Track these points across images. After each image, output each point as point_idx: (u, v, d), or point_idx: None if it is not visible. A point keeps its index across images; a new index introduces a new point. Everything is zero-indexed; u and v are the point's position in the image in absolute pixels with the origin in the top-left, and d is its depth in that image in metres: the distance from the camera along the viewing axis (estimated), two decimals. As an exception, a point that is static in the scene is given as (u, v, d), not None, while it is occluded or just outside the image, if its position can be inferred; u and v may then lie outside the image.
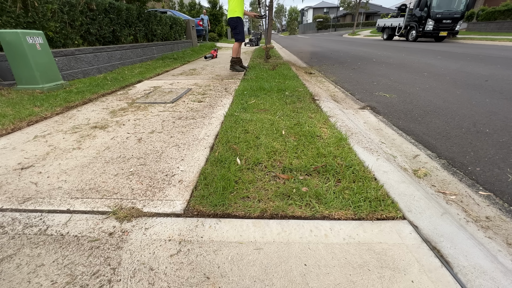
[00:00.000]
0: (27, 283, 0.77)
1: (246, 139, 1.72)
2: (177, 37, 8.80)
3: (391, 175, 1.32)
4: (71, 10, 3.98)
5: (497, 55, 6.76)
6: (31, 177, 1.32)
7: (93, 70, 4.29)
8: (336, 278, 0.78)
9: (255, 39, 13.33)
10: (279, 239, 0.93)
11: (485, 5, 19.53)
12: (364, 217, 1.04)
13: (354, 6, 35.13)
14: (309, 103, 2.57)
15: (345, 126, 2.01)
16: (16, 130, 1.97)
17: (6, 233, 0.96)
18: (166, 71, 4.89)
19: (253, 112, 2.31)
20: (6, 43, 2.79)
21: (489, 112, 2.54)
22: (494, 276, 0.79)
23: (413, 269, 0.81)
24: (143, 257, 0.86)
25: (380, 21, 18.06)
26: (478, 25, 18.06)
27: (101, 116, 2.29)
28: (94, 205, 1.11)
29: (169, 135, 1.85)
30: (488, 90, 3.32)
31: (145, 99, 2.84)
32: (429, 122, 2.37)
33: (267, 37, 5.57)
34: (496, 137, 1.99)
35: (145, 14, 6.27)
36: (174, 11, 12.10)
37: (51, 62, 3.15)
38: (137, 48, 5.74)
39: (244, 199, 1.15)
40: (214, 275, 0.79)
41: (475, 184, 1.45)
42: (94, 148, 1.66)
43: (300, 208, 1.08)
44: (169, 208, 1.09)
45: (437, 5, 12.48)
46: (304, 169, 1.36)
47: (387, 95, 3.35)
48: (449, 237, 0.94)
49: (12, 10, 3.18)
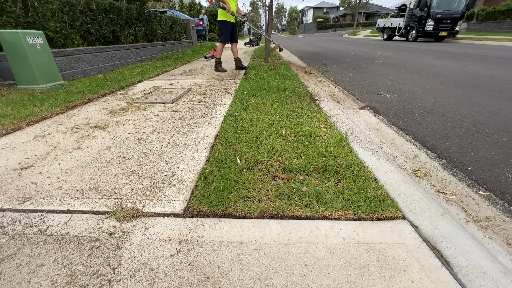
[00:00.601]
0: (27, 283, 0.77)
1: (246, 139, 1.72)
2: (177, 37, 8.80)
3: (391, 175, 1.32)
4: (71, 10, 3.98)
5: (497, 55, 6.76)
6: (31, 177, 1.32)
7: (93, 70, 4.29)
8: (336, 278, 0.78)
9: (255, 39, 13.33)
10: (279, 239, 0.93)
11: (485, 5, 19.53)
12: (364, 217, 1.04)
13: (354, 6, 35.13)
14: (309, 103, 2.57)
15: (345, 126, 2.01)
16: (16, 130, 1.97)
17: (6, 233, 0.96)
18: (166, 71, 4.89)
19: (253, 112, 2.31)
20: (6, 43, 2.79)
21: (489, 112, 2.54)
22: (494, 276, 0.79)
23: (413, 269, 0.81)
24: (143, 257, 0.86)
25: (380, 21, 18.06)
26: (478, 25, 18.06)
27: (101, 116, 2.29)
28: (94, 205, 1.11)
29: (169, 135, 1.85)
30: (488, 90, 3.32)
31: (145, 99, 2.84)
32: (429, 122, 2.37)
33: (268, 36, 5.54)
34: (496, 137, 1.99)
35: (145, 14, 6.28)
36: (174, 11, 12.10)
37: (51, 62, 3.15)
38: (137, 48, 5.74)
39: (244, 199, 1.15)
40: (214, 275, 0.79)
41: (475, 184, 1.45)
42: (94, 148, 1.66)
43: (300, 208, 1.08)
44: (169, 208, 1.09)
45: (437, 5, 12.47)
46: (304, 169, 1.36)
47: (387, 95, 3.35)
48: (449, 237, 0.94)
49: (12, 10, 3.18)
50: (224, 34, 4.50)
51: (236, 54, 4.88)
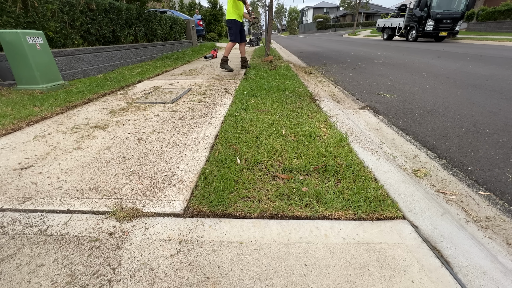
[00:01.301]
0: (27, 283, 0.77)
1: (246, 139, 1.72)
2: (177, 37, 8.80)
3: (391, 175, 1.32)
4: (71, 10, 3.98)
5: (497, 55, 6.76)
6: (31, 177, 1.32)
7: (93, 70, 4.29)
8: (336, 278, 0.78)
9: (255, 39, 13.34)
10: (279, 239, 0.93)
11: (485, 5, 19.53)
12: (364, 217, 1.04)
13: (354, 6, 35.12)
14: (309, 103, 2.57)
15: (345, 126, 2.01)
16: (16, 130, 1.97)
17: (6, 233, 0.96)
18: (166, 71, 4.89)
19: (253, 112, 2.31)
20: (6, 43, 2.79)
21: (489, 112, 2.54)
22: (494, 276, 0.79)
23: (413, 269, 0.81)
24: (143, 257, 0.86)
25: (380, 21, 18.05)
26: (478, 25, 18.06)
27: (101, 116, 2.29)
28: (94, 205, 1.11)
29: (169, 135, 1.85)
30: (488, 90, 3.32)
31: (145, 99, 2.84)
32: (429, 122, 2.37)
33: (267, 42, 5.49)
34: (496, 137, 1.99)
35: (145, 14, 6.27)
36: (174, 11, 12.10)
37: (51, 62, 3.15)
38: (137, 48, 5.74)
39: (244, 199, 1.15)
40: (214, 275, 0.79)
41: (475, 184, 1.45)
42: (94, 148, 1.66)
43: (300, 208, 1.08)
44: (169, 208, 1.09)
45: (437, 5, 12.47)
46: (304, 169, 1.36)
47: (387, 95, 3.35)
48: (449, 237, 0.94)
49: (12, 10, 3.18)
50: (235, 33, 4.56)
51: (243, 53, 5.03)
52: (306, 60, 7.44)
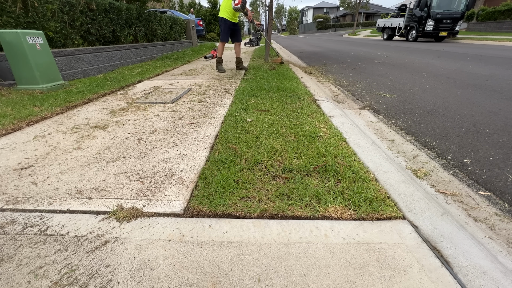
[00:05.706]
0: (27, 283, 0.77)
1: (246, 139, 1.72)
2: (177, 37, 8.79)
3: (391, 175, 1.32)
4: (71, 10, 3.98)
5: (497, 55, 6.75)
6: (31, 177, 1.32)
7: (93, 70, 4.29)
8: (336, 278, 0.78)
9: (255, 39, 13.32)
10: (279, 239, 0.93)
11: (485, 5, 19.53)
12: (364, 217, 1.04)
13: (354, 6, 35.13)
14: (309, 103, 2.57)
15: (345, 126, 2.01)
16: (16, 130, 1.97)
17: (6, 233, 0.96)
18: (166, 71, 4.89)
19: (253, 112, 2.31)
20: (6, 43, 2.79)
21: (489, 112, 2.54)
22: (494, 276, 0.79)
23: (413, 269, 0.81)
24: (143, 257, 0.86)
25: (380, 21, 18.05)
26: (478, 25, 18.06)
27: (101, 116, 2.29)
28: (94, 205, 1.11)
29: (169, 135, 1.84)
30: (488, 90, 3.32)
31: (145, 99, 2.83)
32: (429, 122, 2.37)
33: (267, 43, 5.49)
34: (496, 137, 1.99)
35: (145, 14, 6.27)
36: (174, 11, 12.10)
37: (51, 62, 3.15)
38: (137, 48, 5.74)
39: (244, 199, 1.15)
40: (214, 275, 0.79)
41: (475, 184, 1.45)
42: (94, 148, 1.66)
43: (300, 208, 1.08)
44: (169, 208, 1.09)
45: (437, 5, 12.48)
46: (304, 169, 1.36)
47: (387, 95, 3.35)
48: (449, 237, 0.94)
49: (12, 10, 3.18)
50: (223, 32, 4.42)
51: (238, 54, 4.86)
52: (306, 60, 7.44)
